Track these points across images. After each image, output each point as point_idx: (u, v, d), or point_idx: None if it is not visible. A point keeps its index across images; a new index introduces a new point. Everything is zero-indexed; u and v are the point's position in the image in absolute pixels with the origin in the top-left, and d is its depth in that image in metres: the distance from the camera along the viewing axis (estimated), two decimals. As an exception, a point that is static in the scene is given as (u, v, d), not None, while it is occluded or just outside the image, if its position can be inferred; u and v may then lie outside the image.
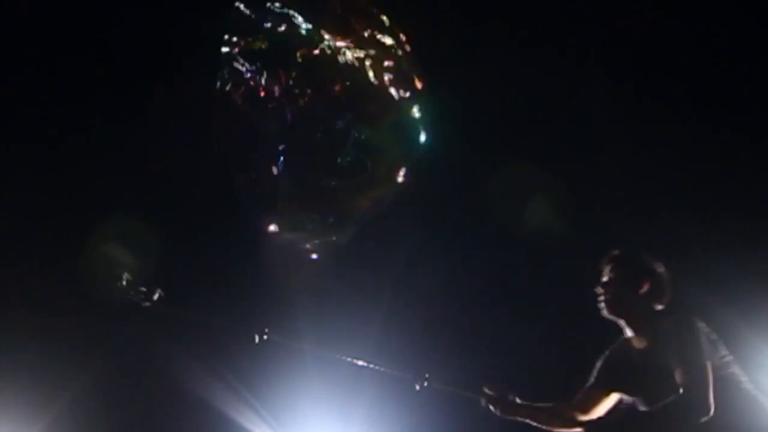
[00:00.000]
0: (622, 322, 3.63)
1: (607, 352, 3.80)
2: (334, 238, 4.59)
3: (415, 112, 4.35)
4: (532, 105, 6.71)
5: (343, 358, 4.08)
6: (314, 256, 4.69)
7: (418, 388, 3.79)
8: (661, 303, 3.59)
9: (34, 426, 6.97)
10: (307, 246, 4.65)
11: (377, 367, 4.00)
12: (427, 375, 3.81)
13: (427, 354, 6.25)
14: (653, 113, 6.65)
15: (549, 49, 6.34)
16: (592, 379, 3.80)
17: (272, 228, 4.46)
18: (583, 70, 6.48)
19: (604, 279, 3.67)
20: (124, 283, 4.20)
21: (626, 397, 3.67)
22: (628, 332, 3.63)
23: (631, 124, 6.62)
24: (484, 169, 6.64)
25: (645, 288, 3.58)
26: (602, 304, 3.64)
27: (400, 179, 4.40)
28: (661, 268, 3.63)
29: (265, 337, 3.90)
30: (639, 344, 3.56)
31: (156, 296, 4.03)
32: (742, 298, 6.33)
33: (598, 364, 3.80)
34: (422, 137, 4.41)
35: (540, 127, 6.89)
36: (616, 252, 3.75)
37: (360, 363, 4.01)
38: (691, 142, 6.70)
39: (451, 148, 6.05)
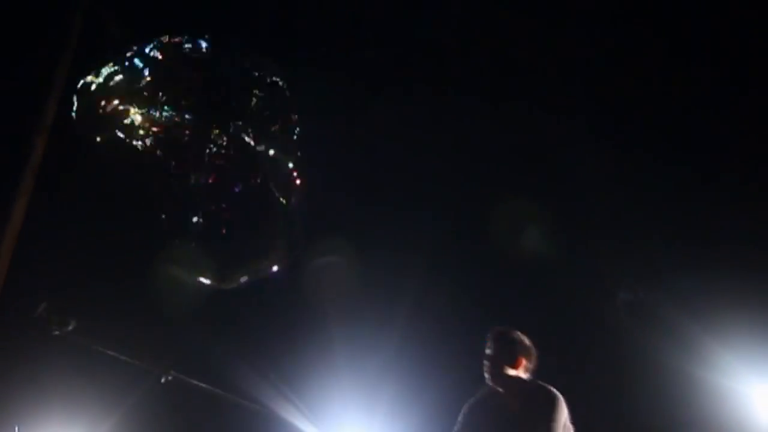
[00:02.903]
0: (500, 389, 3.97)
1: (472, 404, 4.05)
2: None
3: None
4: (527, 153, 7.59)
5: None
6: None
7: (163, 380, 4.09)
8: (530, 373, 4.03)
9: (104, 423, 7.39)
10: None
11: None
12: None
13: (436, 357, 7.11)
14: (629, 157, 7.47)
15: (543, 106, 7.29)
16: (465, 428, 4.02)
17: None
18: (570, 123, 7.36)
19: (488, 352, 4.02)
20: (41, 311, 4.66)
21: None
22: (501, 391, 3.98)
23: (609, 168, 7.44)
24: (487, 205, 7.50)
25: (520, 363, 3.99)
26: (486, 375, 3.99)
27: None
28: (530, 343, 4.07)
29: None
30: (512, 406, 3.90)
31: (70, 327, 4.47)
32: (705, 313, 7.22)
33: (467, 415, 4.04)
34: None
35: (534, 169, 7.75)
36: (497, 329, 4.10)
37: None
38: (663, 181, 7.59)
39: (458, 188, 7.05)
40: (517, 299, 7.94)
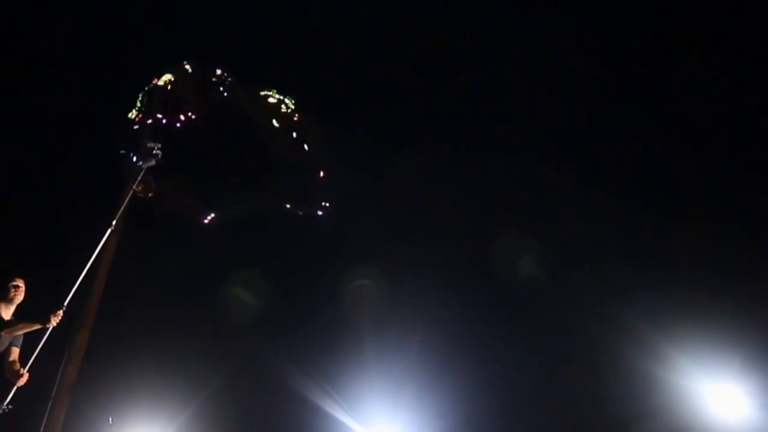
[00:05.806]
0: (12, 308, 5.71)
1: None
2: None
3: None
4: (524, 196, 9.05)
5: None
6: None
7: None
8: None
9: (178, 416, 8.60)
10: None
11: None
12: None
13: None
14: (605, 203, 8.99)
15: (537, 160, 8.76)
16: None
17: None
18: (559, 174, 8.91)
19: (21, 283, 5.71)
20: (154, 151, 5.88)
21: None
22: (9, 312, 5.68)
23: (590, 210, 8.96)
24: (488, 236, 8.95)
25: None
26: (19, 297, 5.70)
27: None
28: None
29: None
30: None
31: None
32: (667, 323, 8.48)
33: None
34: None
35: (529, 210, 9.19)
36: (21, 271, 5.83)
37: None
38: (632, 220, 9.05)
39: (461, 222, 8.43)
40: (514, 313, 9.26)
